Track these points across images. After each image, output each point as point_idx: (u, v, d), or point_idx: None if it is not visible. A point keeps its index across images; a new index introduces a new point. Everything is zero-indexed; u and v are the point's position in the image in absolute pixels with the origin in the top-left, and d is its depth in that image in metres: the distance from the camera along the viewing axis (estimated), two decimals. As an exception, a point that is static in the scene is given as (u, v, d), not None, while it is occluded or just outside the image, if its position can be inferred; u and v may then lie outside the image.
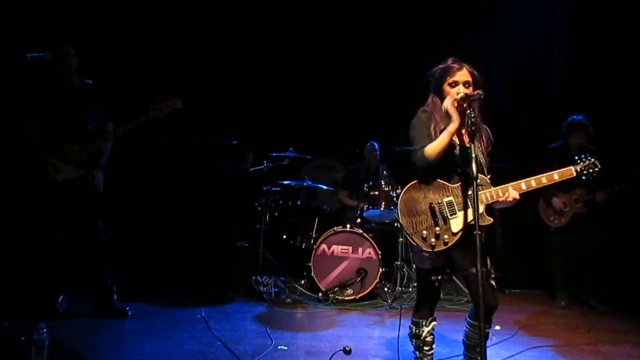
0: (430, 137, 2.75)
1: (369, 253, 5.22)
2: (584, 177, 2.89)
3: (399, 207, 2.76)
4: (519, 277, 6.14)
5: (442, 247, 2.71)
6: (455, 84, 2.77)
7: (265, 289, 5.18)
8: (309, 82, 6.82)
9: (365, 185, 5.63)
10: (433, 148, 2.69)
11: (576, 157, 2.91)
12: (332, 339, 3.94)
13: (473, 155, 2.58)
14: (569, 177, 2.84)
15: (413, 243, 2.75)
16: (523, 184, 2.78)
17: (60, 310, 4.20)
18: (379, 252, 5.17)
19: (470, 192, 2.68)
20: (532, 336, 4.27)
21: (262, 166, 5.68)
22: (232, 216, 6.03)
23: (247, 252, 5.70)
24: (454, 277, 5.52)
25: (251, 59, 6.57)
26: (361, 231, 5.28)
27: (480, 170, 2.67)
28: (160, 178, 5.87)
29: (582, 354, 3.88)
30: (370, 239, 5.23)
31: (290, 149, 5.74)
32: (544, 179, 2.79)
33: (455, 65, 2.79)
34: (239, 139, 5.79)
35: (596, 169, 2.88)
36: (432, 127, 2.77)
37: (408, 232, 2.73)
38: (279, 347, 3.69)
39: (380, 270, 5.16)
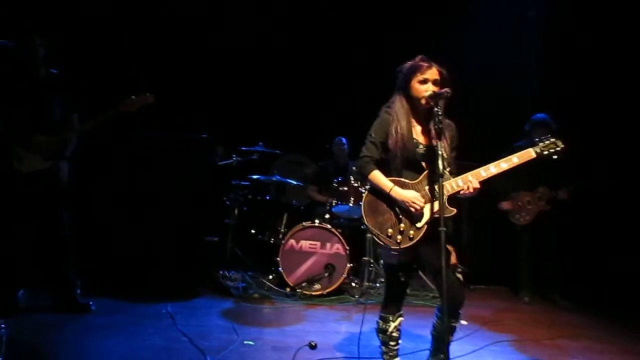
0: (384, 140, 2.83)
1: (337, 248, 5.24)
2: (545, 157, 2.87)
3: (362, 209, 2.81)
4: (484, 273, 6.25)
5: (408, 243, 2.75)
6: (425, 82, 2.80)
7: (233, 284, 5.14)
8: (279, 76, 6.79)
9: (335, 181, 5.65)
10: (374, 180, 2.82)
11: (536, 139, 2.93)
12: (299, 334, 3.94)
13: (439, 152, 2.63)
14: (528, 159, 2.85)
15: (380, 242, 2.79)
16: (482, 171, 2.81)
17: (21, 305, 4.10)
18: (347, 248, 5.20)
19: (428, 187, 2.75)
20: (495, 331, 4.35)
21: (231, 161, 5.63)
22: (201, 211, 5.99)
23: (215, 247, 5.67)
24: (420, 273, 5.59)
25: (221, 53, 6.50)
26: (329, 227, 5.30)
27: (444, 166, 2.69)
28: (128, 172, 5.80)
29: (543, 349, 3.98)
30: (338, 235, 5.25)
31: (260, 143, 5.70)
32: (503, 163, 2.81)
33: (425, 64, 2.82)
34: (209, 133, 5.74)
35: (557, 148, 2.88)
36: (392, 128, 2.81)
37: (374, 232, 2.77)
38: (245, 343, 3.68)
39: (348, 265, 5.19)
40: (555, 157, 2.89)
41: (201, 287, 5.12)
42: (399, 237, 2.74)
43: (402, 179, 2.82)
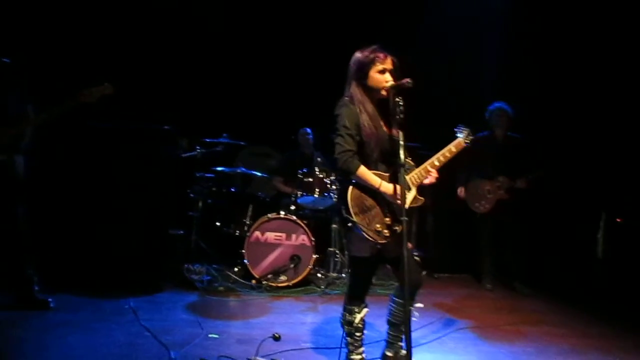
0: (358, 133, 2.75)
1: (303, 240, 5.24)
2: (469, 145, 3.02)
3: (350, 207, 2.72)
4: (447, 261, 6.36)
5: (393, 236, 2.76)
6: (383, 72, 2.80)
7: (197, 278, 5.09)
8: (243, 67, 6.72)
9: (300, 172, 5.63)
10: (363, 177, 2.72)
11: (455, 129, 3.05)
12: (265, 326, 3.93)
13: (401, 143, 2.66)
14: (461, 148, 2.99)
15: (369, 238, 2.72)
16: (436, 161, 2.90)
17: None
18: (313, 239, 5.21)
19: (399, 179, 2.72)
20: (457, 318, 4.43)
21: (195, 152, 5.54)
22: (164, 203, 5.90)
23: (179, 240, 5.60)
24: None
25: (184, 43, 6.38)
26: (295, 218, 5.29)
27: (406, 155, 2.71)
28: (89, 164, 5.67)
29: (504, 334, 4.07)
30: (304, 226, 5.24)
31: (224, 135, 5.63)
32: (447, 153, 2.94)
33: (382, 53, 2.80)
34: (172, 124, 5.65)
35: (470, 136, 3.01)
36: (362, 120, 2.76)
37: (362, 229, 2.70)
38: (210, 336, 3.65)
39: (314, 256, 5.20)
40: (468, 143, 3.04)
41: (165, 282, 5.05)
42: (386, 231, 2.74)
43: (380, 172, 2.80)
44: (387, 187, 2.73)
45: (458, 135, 3.02)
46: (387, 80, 2.78)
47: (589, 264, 5.86)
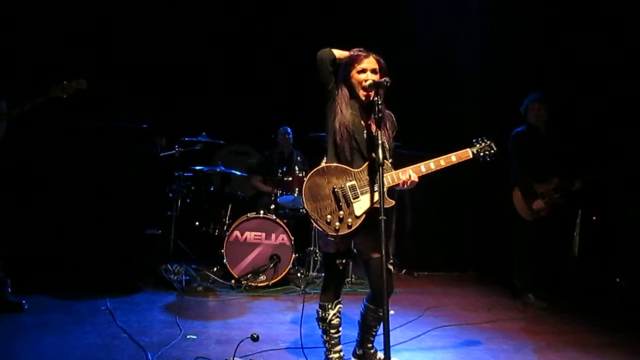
0: (333, 133, 2.83)
1: (282, 239, 5.22)
2: (480, 159, 3.02)
3: (303, 193, 2.78)
4: (426, 260, 6.40)
5: (346, 231, 2.77)
6: (363, 71, 2.82)
7: (175, 278, 5.03)
8: (223, 66, 6.68)
9: (279, 171, 5.60)
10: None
11: (473, 140, 3.03)
12: (243, 327, 3.91)
13: (379, 142, 2.66)
14: (466, 158, 2.97)
15: (318, 227, 2.78)
16: (422, 167, 2.88)
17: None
18: (292, 238, 5.19)
19: (372, 177, 2.77)
20: (436, 317, 4.45)
21: (173, 151, 5.47)
22: (141, 203, 5.82)
23: (157, 239, 5.52)
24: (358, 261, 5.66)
25: (163, 41, 6.31)
26: (274, 217, 5.26)
27: (384, 156, 2.72)
28: (63, 163, 5.56)
29: (482, 332, 4.10)
30: (283, 225, 5.22)
31: (203, 133, 5.58)
32: (442, 161, 2.91)
33: (363, 53, 2.84)
34: (150, 122, 5.57)
35: (492, 151, 3.03)
36: (336, 123, 2.81)
37: (313, 217, 2.76)
38: (188, 337, 3.61)
39: (293, 256, 5.18)
40: (489, 159, 3.03)
41: (142, 282, 4.99)
42: (338, 224, 2.75)
43: (344, 166, 2.82)
44: None
45: (475, 145, 3.01)
46: (366, 79, 2.80)
47: (565, 262, 5.92)
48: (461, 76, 6.92)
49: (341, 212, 2.76)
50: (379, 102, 2.70)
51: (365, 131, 2.86)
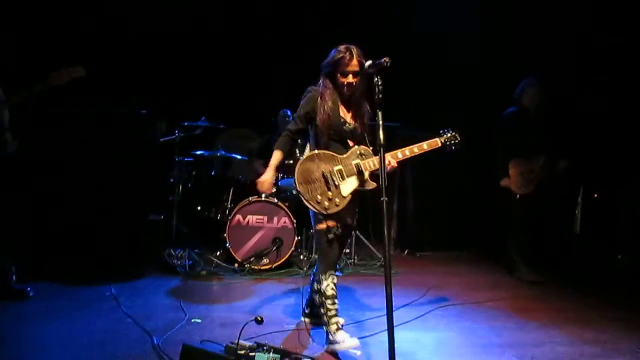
0: (311, 113, 3.18)
1: (284, 222, 5.23)
2: (447, 149, 3.38)
3: (295, 176, 3.04)
4: (428, 240, 6.42)
5: (335, 209, 3.06)
6: (347, 74, 3.10)
7: (179, 262, 5.05)
8: (222, 50, 6.61)
9: (280, 154, 5.57)
10: (273, 155, 3.27)
11: (440, 131, 3.38)
12: (248, 310, 3.93)
13: (380, 122, 2.70)
14: (435, 147, 3.32)
15: (310, 207, 3.06)
16: (399, 153, 3.20)
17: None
18: (294, 221, 5.20)
19: (355, 161, 3.11)
20: (439, 296, 4.48)
21: (174, 136, 5.45)
22: (143, 189, 5.82)
23: (159, 225, 5.53)
24: (366, 242, 5.68)
25: (162, 26, 6.24)
26: (276, 200, 5.27)
27: (363, 142, 3.16)
28: (66, 150, 5.55)
29: (485, 311, 4.13)
30: (285, 208, 5.23)
31: (203, 118, 5.55)
32: (415, 148, 3.24)
33: (347, 56, 3.07)
34: (150, 108, 5.55)
35: (456, 141, 3.40)
36: (320, 106, 3.14)
37: (305, 197, 3.04)
38: (193, 321, 3.63)
39: (296, 238, 5.19)
40: (454, 149, 3.39)
41: (146, 267, 5.00)
42: (327, 203, 3.04)
43: (331, 153, 3.12)
44: (264, 176, 3.25)
45: (442, 135, 3.37)
46: (348, 81, 3.10)
47: (566, 239, 5.94)
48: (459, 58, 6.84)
49: (330, 193, 3.06)
50: (379, 84, 2.74)
51: (348, 121, 3.17)
